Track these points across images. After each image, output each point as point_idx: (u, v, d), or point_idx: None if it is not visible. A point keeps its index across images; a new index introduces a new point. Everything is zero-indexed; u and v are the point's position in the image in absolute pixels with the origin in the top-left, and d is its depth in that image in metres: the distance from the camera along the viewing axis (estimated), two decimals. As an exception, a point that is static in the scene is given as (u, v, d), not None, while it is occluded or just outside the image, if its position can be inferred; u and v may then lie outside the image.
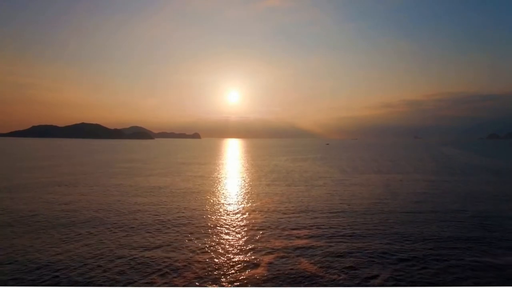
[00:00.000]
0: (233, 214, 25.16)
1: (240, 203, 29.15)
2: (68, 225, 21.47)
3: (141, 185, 39.12)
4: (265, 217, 24.16)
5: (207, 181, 43.26)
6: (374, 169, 59.18)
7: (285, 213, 25.21)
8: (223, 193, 34.15)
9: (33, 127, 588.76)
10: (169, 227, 21.22)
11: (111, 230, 20.67)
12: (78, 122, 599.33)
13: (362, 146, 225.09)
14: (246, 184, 39.97)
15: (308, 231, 20.79)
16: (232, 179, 45.72)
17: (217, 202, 29.54)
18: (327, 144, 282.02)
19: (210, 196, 32.02)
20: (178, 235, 19.57)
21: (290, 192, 34.49)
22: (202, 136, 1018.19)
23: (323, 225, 22.02)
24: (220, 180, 44.28)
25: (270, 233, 20.27)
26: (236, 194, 33.55)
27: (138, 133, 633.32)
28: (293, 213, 25.51)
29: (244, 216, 24.36)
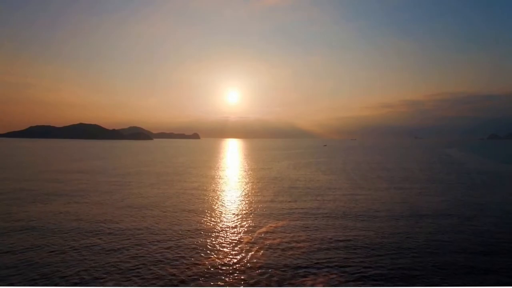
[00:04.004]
0: (231, 239, 20.95)
1: (239, 225, 24.93)
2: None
3: (126, 199, 35.11)
4: (269, 243, 20.29)
5: (202, 194, 39.08)
6: (385, 178, 54.75)
7: (292, 238, 21.38)
8: (219, 211, 29.94)
9: (31, 128, 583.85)
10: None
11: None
12: (76, 122, 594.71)
13: (363, 148, 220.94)
14: (247, 200, 35.69)
15: (319, 258, 17.14)
16: (231, 192, 41.43)
17: (212, 223, 25.39)
18: (325, 145, 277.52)
19: (203, 216, 27.85)
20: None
21: (296, 210, 30.27)
22: (202, 136, 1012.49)
23: (337, 250, 18.12)
24: (216, 193, 40.05)
25: (275, 263, 16.60)
26: (235, 213, 29.28)
27: (136, 133, 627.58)
28: (301, 236, 21.84)
29: (244, 243, 20.28)
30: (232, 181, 52.02)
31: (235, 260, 18.29)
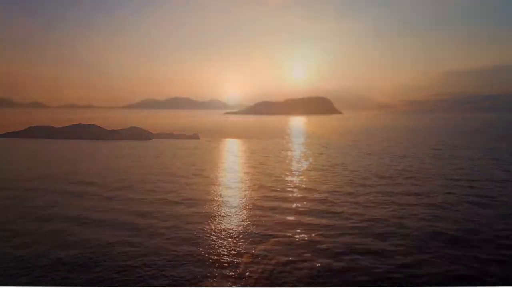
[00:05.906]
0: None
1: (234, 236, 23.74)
2: None
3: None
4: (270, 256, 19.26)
5: (198, 202, 37.93)
6: (389, 183, 53.93)
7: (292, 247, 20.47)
8: (214, 222, 28.69)
9: (30, 128, 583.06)
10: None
11: None
12: (75, 123, 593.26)
13: (364, 149, 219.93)
14: (245, 209, 34.52)
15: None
16: (228, 201, 40.39)
17: (207, 231, 24.09)
18: (324, 146, 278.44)
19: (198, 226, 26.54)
20: None
21: (296, 218, 29.10)
22: (202, 136, 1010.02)
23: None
24: (212, 202, 38.97)
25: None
26: (231, 224, 28.09)
27: (136, 134, 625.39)
28: (302, 250, 21.43)
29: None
30: (229, 187, 51.31)
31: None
